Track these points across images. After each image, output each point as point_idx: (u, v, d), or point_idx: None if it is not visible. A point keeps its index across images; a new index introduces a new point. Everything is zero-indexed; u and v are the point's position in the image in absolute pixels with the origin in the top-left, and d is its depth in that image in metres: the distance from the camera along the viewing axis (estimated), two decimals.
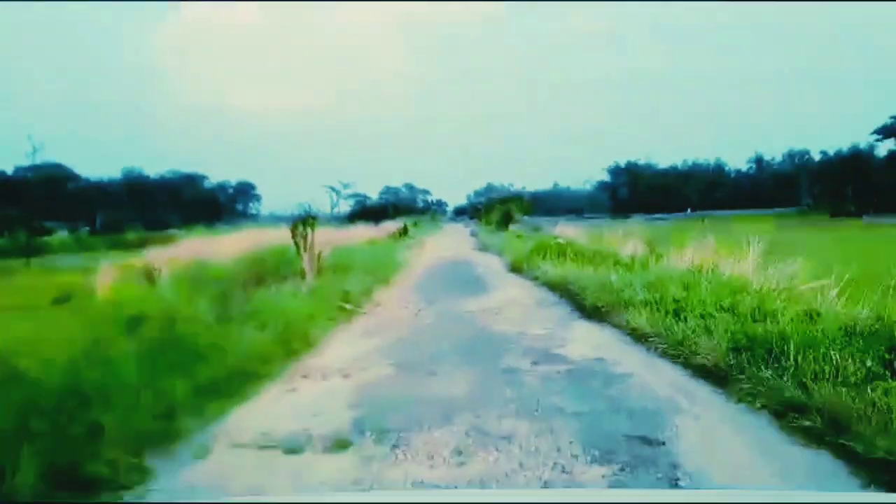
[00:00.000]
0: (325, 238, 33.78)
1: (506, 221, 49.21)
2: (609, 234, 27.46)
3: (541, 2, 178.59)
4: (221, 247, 25.28)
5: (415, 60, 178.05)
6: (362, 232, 43.59)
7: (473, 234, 54.29)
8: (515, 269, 22.99)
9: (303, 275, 18.93)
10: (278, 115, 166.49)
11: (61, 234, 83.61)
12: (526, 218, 58.36)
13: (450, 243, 44.39)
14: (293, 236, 19.16)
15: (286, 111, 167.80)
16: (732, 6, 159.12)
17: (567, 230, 39.10)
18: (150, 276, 19.89)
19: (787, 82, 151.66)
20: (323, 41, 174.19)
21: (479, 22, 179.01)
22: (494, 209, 52.17)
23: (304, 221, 19.21)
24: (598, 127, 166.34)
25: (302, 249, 19.06)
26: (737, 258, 14.64)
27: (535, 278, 19.49)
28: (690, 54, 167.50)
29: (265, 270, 19.57)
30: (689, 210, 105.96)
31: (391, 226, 51.49)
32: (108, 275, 19.61)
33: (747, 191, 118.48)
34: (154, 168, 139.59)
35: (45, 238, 71.99)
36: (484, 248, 37.23)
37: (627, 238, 25.07)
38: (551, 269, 19.23)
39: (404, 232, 43.47)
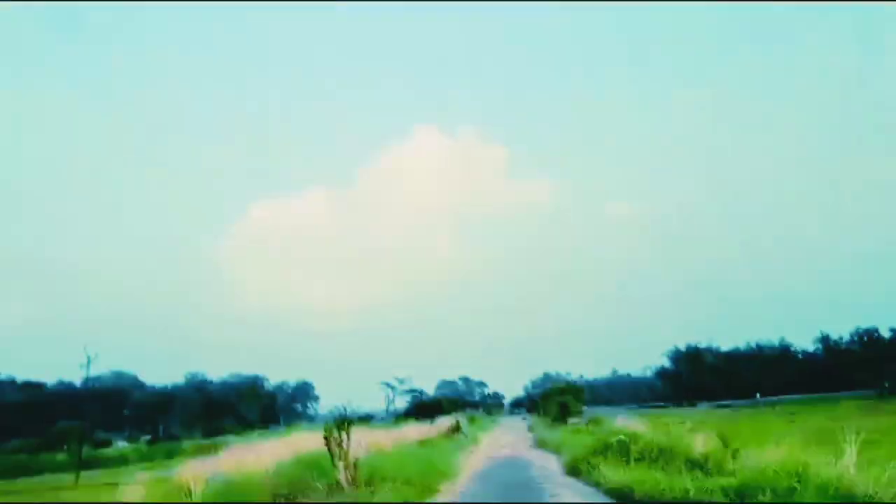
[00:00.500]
0: (373, 439, 32.05)
1: (563, 414, 46.42)
2: (675, 426, 25.14)
3: (587, 195, 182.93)
4: (264, 454, 23.74)
5: (466, 252, 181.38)
6: (414, 431, 41.38)
7: (531, 429, 51.39)
8: (573, 471, 20.58)
9: (338, 486, 16.99)
10: (338, 313, 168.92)
11: (120, 445, 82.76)
12: (585, 408, 55.42)
13: (506, 440, 41.71)
14: (327, 444, 17.40)
15: (345, 309, 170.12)
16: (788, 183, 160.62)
17: (629, 422, 36.44)
18: (184, 491, 18.25)
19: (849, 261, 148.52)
20: (378, 238, 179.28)
21: (527, 210, 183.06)
22: (551, 401, 49.53)
23: (338, 425, 17.50)
24: (657, 311, 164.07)
25: (336, 458, 17.23)
26: (831, 452, 12.39)
27: (597, 484, 17.15)
28: (746, 231, 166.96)
29: (298, 483, 17.69)
30: (757, 395, 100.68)
31: (446, 422, 49.14)
32: (137, 494, 18.05)
33: (816, 372, 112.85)
34: (217, 372, 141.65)
35: (104, 450, 71.07)
36: (541, 444, 34.61)
37: (696, 429, 22.75)
38: (613, 473, 16.92)
39: (457, 429, 41.06)
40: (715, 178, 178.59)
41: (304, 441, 28.72)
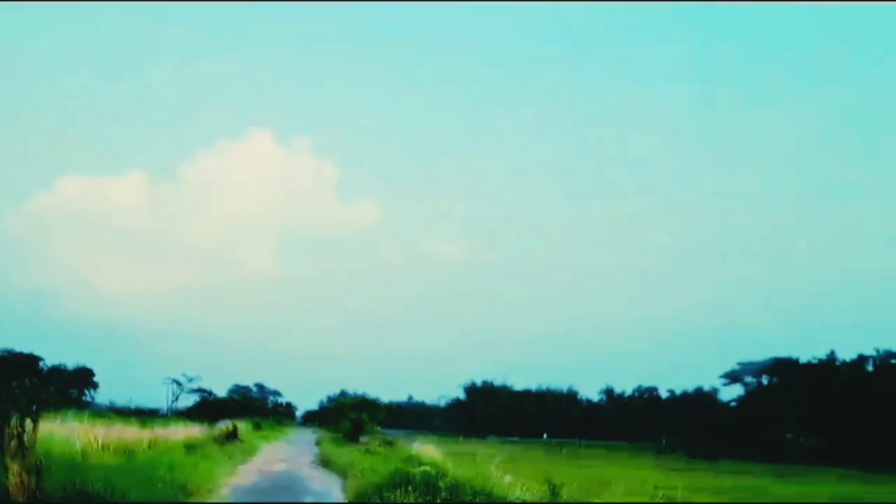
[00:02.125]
0: (123, 436, 25.27)
1: (356, 431, 40.96)
2: (480, 458, 20.91)
3: (412, 226, 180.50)
4: None
5: (282, 261, 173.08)
6: (182, 432, 34.41)
7: (318, 443, 45.47)
8: None
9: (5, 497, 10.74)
10: (137, 305, 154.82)
11: None
12: (378, 429, 50.26)
13: (286, 452, 35.70)
14: None
15: (146, 302, 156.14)
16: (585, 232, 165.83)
17: (427, 448, 31.75)
18: None
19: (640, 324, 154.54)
20: (194, 236, 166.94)
21: (351, 234, 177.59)
22: (344, 416, 43.86)
23: (22, 410, 11.22)
24: (455, 344, 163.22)
25: (8, 456, 10.93)
26: None
27: None
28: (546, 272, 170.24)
29: None
30: (545, 435, 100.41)
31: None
32: None
33: (600, 420, 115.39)
34: None
35: None
36: (325, 462, 28.98)
37: (505, 466, 18.40)
38: None
39: (232, 435, 34.46)
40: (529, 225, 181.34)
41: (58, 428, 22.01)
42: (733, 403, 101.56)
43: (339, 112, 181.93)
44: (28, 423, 11.15)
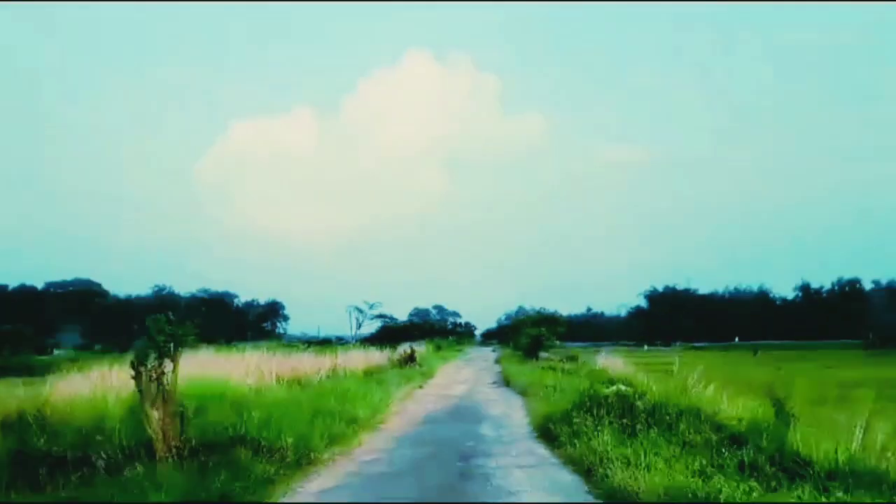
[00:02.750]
0: (301, 366, 24.78)
1: (535, 347, 39.20)
2: (674, 369, 18.01)
3: (580, 136, 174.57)
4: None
5: (453, 183, 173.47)
6: (361, 358, 34.14)
7: (498, 361, 44.36)
8: (547, 435, 13.00)
9: (141, 454, 9.63)
10: (316, 238, 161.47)
11: (57, 353, 75.06)
12: (559, 343, 48.40)
13: (466, 373, 34.62)
14: (136, 381, 9.86)
15: (324, 234, 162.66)
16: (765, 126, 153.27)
17: (612, 361, 29.37)
18: None
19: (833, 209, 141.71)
20: (365, 165, 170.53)
21: (521, 150, 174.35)
22: (522, 332, 42.14)
23: (159, 350, 9.98)
24: (633, 250, 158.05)
25: (147, 402, 9.74)
26: None
27: (591, 475, 9.71)
28: (725, 177, 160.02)
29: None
30: (736, 339, 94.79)
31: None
32: None
33: (795, 319, 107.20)
34: (186, 287, 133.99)
35: (40, 356, 63.54)
36: (507, 381, 27.43)
37: (705, 378, 15.56)
38: (619, 455, 9.59)
39: (410, 359, 33.81)
40: (715, 123, 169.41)
41: (231, 364, 21.80)
42: None
43: (498, 26, 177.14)
44: (167, 363, 9.88)
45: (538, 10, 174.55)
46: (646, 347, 79.70)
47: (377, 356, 36.55)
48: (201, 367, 16.76)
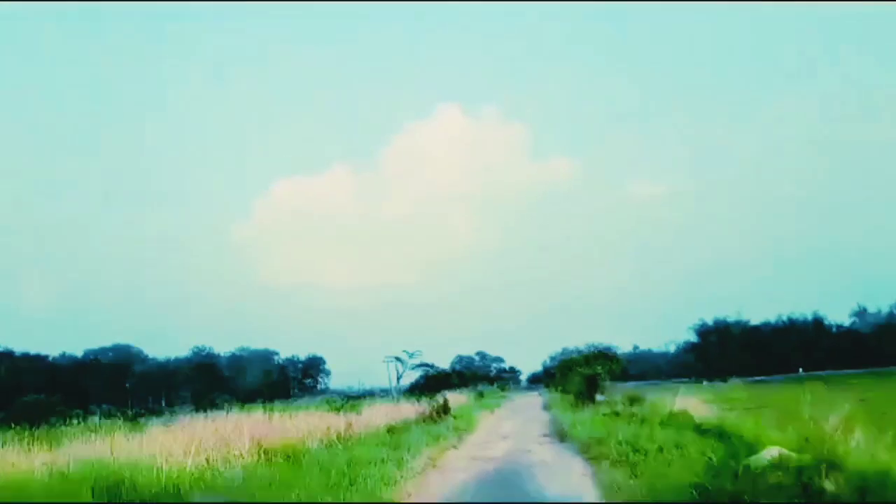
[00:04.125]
0: (311, 425, 19.70)
1: (591, 389, 32.80)
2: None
3: (610, 172, 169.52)
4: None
5: (485, 231, 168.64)
6: (383, 412, 28.36)
7: (546, 409, 37.98)
8: None
9: None
10: (355, 290, 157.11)
11: (91, 421, 70.39)
12: (614, 384, 41.74)
13: (509, 425, 28.49)
14: None
15: (362, 287, 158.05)
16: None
17: (693, 404, 23.13)
18: None
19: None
20: (397, 217, 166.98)
21: (550, 191, 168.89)
22: (573, 372, 35.53)
23: None
24: (679, 287, 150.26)
25: None
26: None
27: None
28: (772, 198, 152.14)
29: None
30: (800, 370, 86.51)
31: (454, 398, 36.22)
32: None
33: (852, 346, 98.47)
34: (226, 347, 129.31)
35: (69, 425, 58.73)
36: (560, 435, 21.24)
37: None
38: None
39: (444, 410, 27.84)
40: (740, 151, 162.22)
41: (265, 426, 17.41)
42: None
43: (525, 75, 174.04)
44: None
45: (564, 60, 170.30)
46: (704, 383, 72.06)
47: (406, 409, 30.83)
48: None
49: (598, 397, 33.06)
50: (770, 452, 7.79)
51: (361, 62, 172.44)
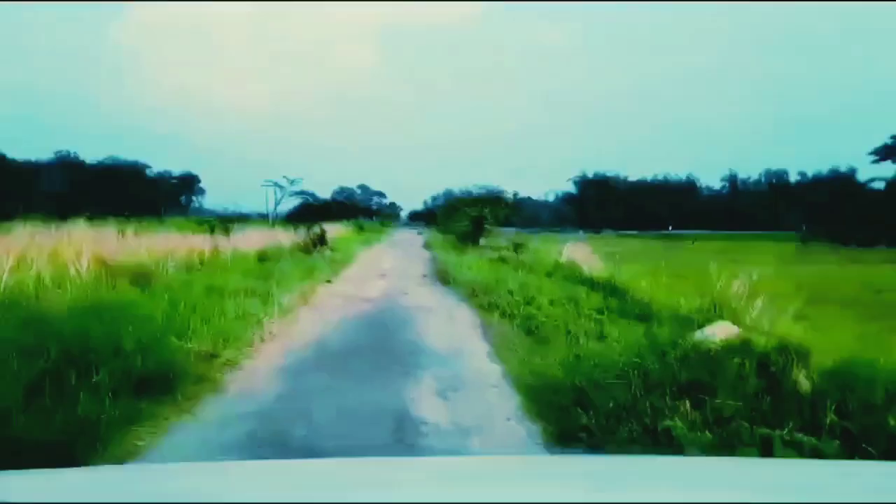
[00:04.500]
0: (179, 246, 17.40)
1: (476, 232, 31.83)
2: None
3: (512, 12, 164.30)
4: None
5: (384, 63, 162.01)
6: (258, 238, 26.40)
7: (428, 247, 37.03)
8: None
9: None
10: (237, 112, 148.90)
11: None
12: (497, 229, 41.08)
13: (388, 261, 27.22)
14: None
15: (246, 108, 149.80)
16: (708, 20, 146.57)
17: (579, 253, 22.44)
18: None
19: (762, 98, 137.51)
20: (293, 40, 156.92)
21: (454, 25, 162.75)
22: (460, 213, 34.27)
23: None
24: (563, 136, 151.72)
25: None
26: None
27: None
28: (661, 66, 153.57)
29: None
30: (669, 227, 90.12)
31: (332, 229, 34.31)
32: None
33: (722, 210, 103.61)
34: (93, 155, 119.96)
35: None
36: (444, 277, 19.98)
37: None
38: None
39: (321, 241, 26.10)
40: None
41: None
42: (878, 186, 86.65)
43: None
44: None
45: None
46: (581, 233, 73.74)
47: (281, 237, 28.95)
48: None
49: (482, 241, 32.25)
50: (714, 330, 6.53)
51: None
